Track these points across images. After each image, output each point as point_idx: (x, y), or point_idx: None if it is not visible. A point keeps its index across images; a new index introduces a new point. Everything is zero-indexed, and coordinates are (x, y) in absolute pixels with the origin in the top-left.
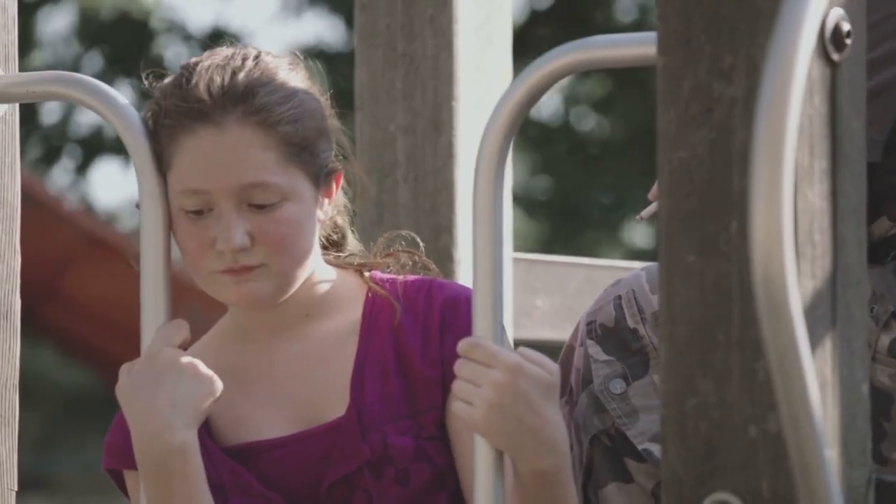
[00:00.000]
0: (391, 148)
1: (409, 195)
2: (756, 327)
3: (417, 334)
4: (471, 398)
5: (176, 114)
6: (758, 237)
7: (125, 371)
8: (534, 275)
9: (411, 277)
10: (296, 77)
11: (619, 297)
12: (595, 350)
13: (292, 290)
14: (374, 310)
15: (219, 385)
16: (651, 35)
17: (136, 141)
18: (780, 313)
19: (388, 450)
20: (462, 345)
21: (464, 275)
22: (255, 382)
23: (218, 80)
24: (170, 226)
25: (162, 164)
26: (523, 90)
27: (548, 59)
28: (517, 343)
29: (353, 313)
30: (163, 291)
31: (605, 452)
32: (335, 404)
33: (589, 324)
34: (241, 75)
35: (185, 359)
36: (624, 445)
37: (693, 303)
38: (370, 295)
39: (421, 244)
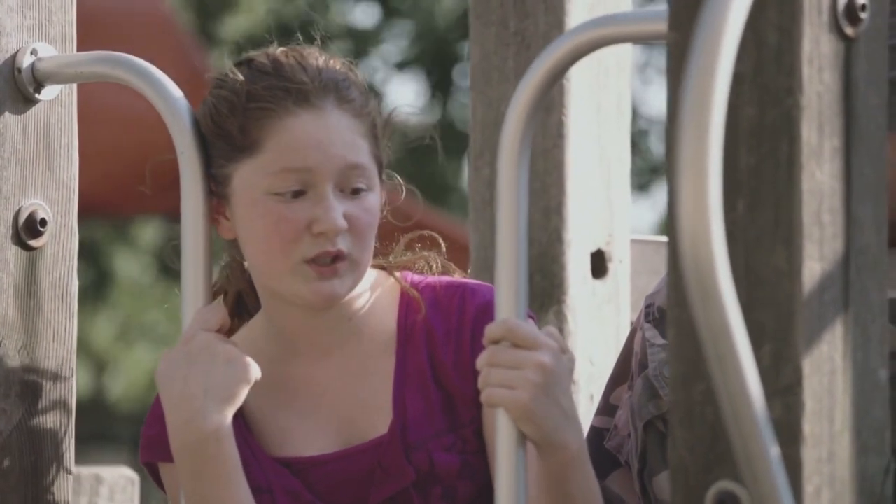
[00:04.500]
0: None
1: None
2: (762, 311)
3: (450, 344)
4: (513, 382)
5: (271, 96)
6: (684, 216)
7: (164, 356)
8: (649, 256)
9: (445, 280)
10: (361, 78)
11: None
12: (652, 334)
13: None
14: (409, 317)
15: (255, 371)
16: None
17: (179, 121)
18: (710, 295)
19: (434, 468)
20: (497, 328)
21: (574, 256)
22: (298, 394)
23: (313, 65)
24: (216, 212)
25: (241, 149)
26: (545, 68)
27: (570, 36)
28: None
29: (388, 320)
30: (203, 274)
31: (659, 439)
32: (377, 421)
33: (648, 307)
34: (331, 66)
35: (220, 343)
36: None
37: None
38: (403, 298)
39: (443, 244)
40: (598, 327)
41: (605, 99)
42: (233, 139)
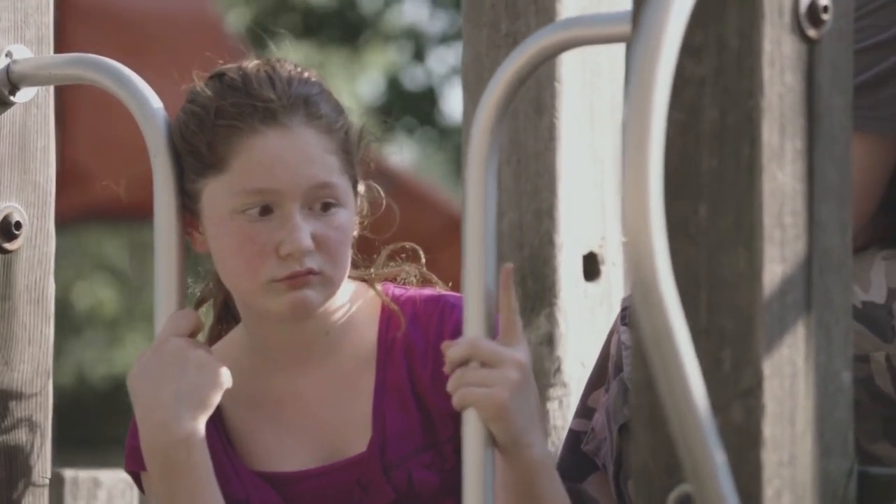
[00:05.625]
0: None
1: (512, 178)
2: (723, 314)
3: (429, 359)
4: (490, 381)
5: (238, 114)
6: (628, 217)
7: (136, 361)
8: None
9: (425, 293)
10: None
11: None
12: (627, 336)
13: (329, 302)
14: (390, 332)
15: (227, 376)
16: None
17: (154, 127)
18: (651, 297)
19: (413, 487)
20: (460, 349)
21: (565, 259)
22: (278, 408)
23: (280, 82)
24: (190, 226)
25: (209, 166)
26: (511, 73)
27: (534, 40)
28: None
29: (369, 333)
30: (176, 279)
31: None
32: (357, 437)
33: (623, 309)
34: (301, 81)
35: (192, 349)
36: None
37: None
38: (384, 312)
39: (422, 256)
40: (590, 330)
41: (598, 101)
42: (201, 156)
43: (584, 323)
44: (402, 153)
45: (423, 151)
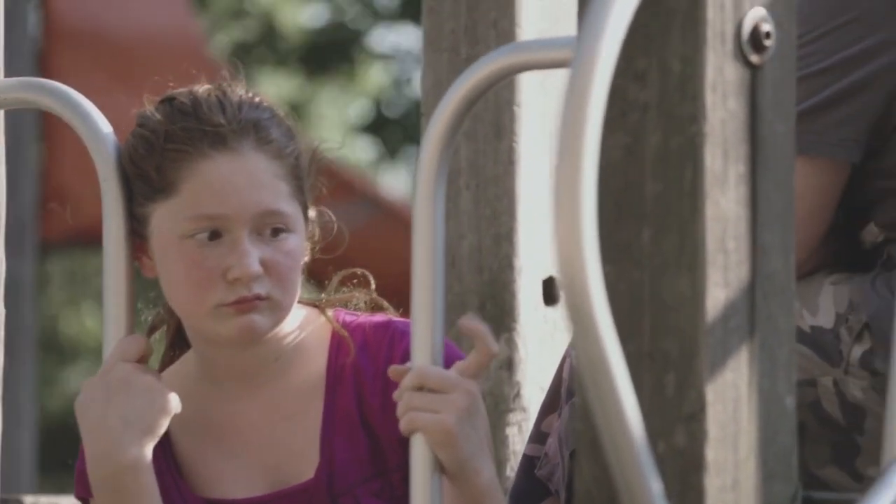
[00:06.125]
0: (455, 154)
1: (472, 202)
2: (667, 338)
3: (378, 387)
4: (437, 406)
5: (187, 138)
6: (560, 243)
7: (83, 386)
8: None
9: (375, 320)
10: (285, 116)
11: None
12: None
13: (279, 327)
14: (339, 359)
15: (174, 402)
16: None
17: (102, 149)
18: (585, 322)
19: None
20: (409, 379)
21: (525, 283)
22: (226, 434)
23: (230, 107)
24: (139, 250)
25: (158, 190)
26: (457, 100)
27: (481, 64)
28: None
29: (318, 360)
30: (124, 304)
31: None
32: (304, 464)
33: None
34: (252, 105)
35: (139, 374)
36: None
37: None
38: (334, 338)
39: (373, 282)
40: (550, 355)
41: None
42: (150, 180)
43: (543, 347)
44: (393, 178)
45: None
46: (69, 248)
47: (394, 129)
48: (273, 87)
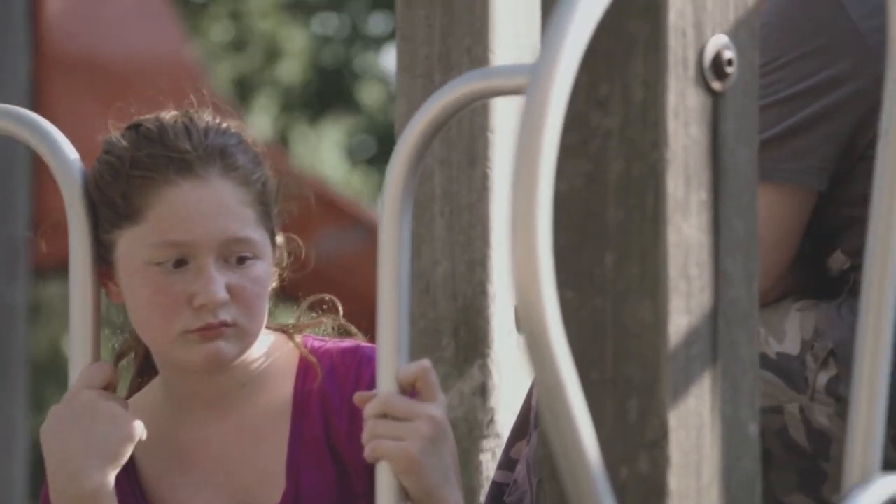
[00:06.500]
0: (429, 181)
1: (445, 229)
2: (630, 364)
3: (345, 413)
4: (401, 434)
5: (153, 164)
6: (516, 271)
7: (49, 414)
8: None
9: (343, 345)
10: (253, 143)
11: None
12: None
13: (246, 353)
14: (306, 384)
15: (139, 428)
16: None
17: (68, 175)
18: (542, 350)
19: None
20: (408, 371)
21: (499, 310)
22: (193, 460)
23: (197, 133)
24: (105, 277)
25: (123, 217)
26: (423, 125)
27: (443, 93)
28: None
29: (285, 385)
30: (91, 331)
31: None
32: (271, 490)
33: None
34: (219, 132)
35: (103, 401)
36: None
37: (568, 340)
38: (301, 364)
39: (340, 308)
40: (524, 381)
41: None
42: (116, 206)
43: (517, 374)
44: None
45: None
46: (63, 274)
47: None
48: (270, 118)
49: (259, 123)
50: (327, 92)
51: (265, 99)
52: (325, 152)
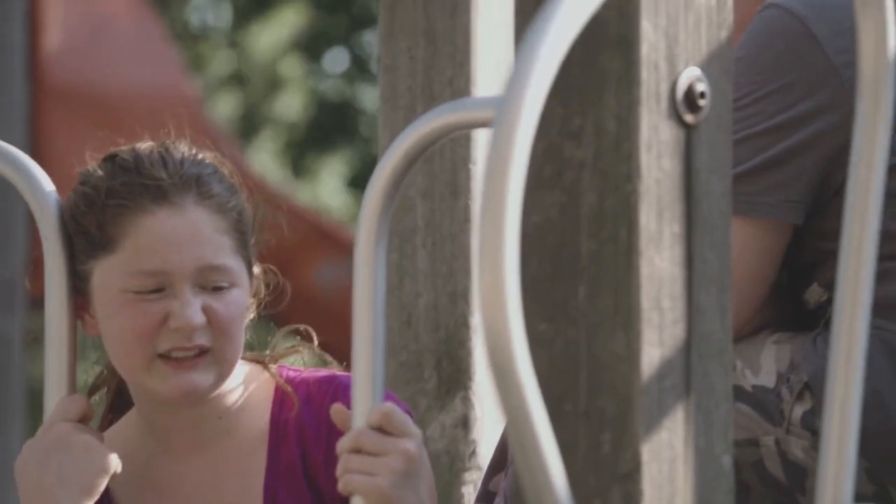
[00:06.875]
0: (411, 213)
1: (428, 260)
2: (603, 397)
3: (322, 442)
4: (373, 469)
5: (128, 193)
6: (484, 305)
7: (24, 447)
8: None
9: (319, 375)
10: (228, 172)
11: None
12: None
13: (223, 384)
14: (283, 414)
15: (114, 461)
16: None
17: (44, 206)
18: (509, 383)
19: None
20: (373, 414)
21: (481, 342)
22: (169, 492)
23: (172, 162)
24: (81, 308)
25: (99, 246)
26: (396, 159)
27: (414, 127)
28: None
29: (262, 416)
30: (66, 363)
31: None
32: None
33: None
34: (194, 162)
35: (78, 433)
36: None
37: (542, 372)
38: (277, 393)
39: (315, 338)
40: None
41: None
42: (91, 236)
43: (498, 406)
44: None
45: None
46: None
47: None
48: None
49: (260, 156)
50: (329, 124)
51: (268, 131)
52: (326, 183)
